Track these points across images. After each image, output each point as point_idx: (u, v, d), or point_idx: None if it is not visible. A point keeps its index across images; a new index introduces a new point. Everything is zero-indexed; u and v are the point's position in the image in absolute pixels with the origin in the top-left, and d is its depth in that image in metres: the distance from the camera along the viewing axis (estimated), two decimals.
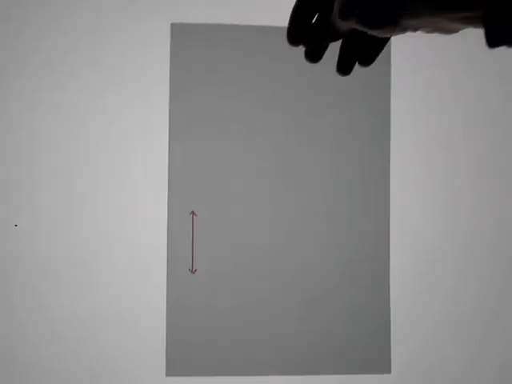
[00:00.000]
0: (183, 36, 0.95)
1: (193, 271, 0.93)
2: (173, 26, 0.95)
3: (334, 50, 0.47)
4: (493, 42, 0.33)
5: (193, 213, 0.93)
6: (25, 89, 0.94)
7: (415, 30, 0.40)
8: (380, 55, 0.47)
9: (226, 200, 0.94)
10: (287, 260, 0.94)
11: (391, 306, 0.94)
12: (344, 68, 0.47)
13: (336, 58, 0.48)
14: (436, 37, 0.94)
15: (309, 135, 0.95)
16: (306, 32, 0.47)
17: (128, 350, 0.93)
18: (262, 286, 0.93)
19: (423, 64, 0.96)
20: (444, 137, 0.96)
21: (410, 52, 0.96)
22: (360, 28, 0.39)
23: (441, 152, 0.96)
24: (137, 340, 0.93)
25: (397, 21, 0.37)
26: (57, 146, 0.94)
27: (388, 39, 0.46)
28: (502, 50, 0.32)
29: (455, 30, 0.40)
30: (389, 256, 0.94)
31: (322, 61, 0.46)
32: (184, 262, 0.93)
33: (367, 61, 0.47)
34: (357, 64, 0.48)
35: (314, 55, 0.47)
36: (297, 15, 0.47)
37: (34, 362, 0.93)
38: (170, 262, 0.93)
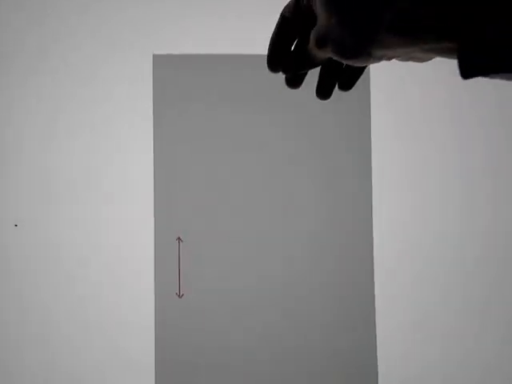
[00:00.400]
0: (165, 67, 0.98)
1: (180, 296, 0.95)
2: (155, 57, 0.98)
3: (315, 74, 0.50)
4: (467, 73, 0.33)
5: (179, 239, 0.95)
6: (26, 97, 0.97)
7: (389, 59, 0.41)
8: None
9: (211, 226, 0.96)
10: (272, 284, 0.96)
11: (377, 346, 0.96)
12: (323, 92, 0.49)
13: (315, 83, 0.49)
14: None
15: (293, 159, 0.97)
16: (286, 59, 0.49)
17: (117, 371, 0.94)
18: (248, 308, 0.95)
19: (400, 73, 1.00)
20: (424, 142, 0.99)
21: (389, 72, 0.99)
22: (335, 58, 0.40)
23: (420, 157, 0.99)
24: (126, 363, 0.94)
25: (370, 52, 0.38)
26: (55, 149, 0.97)
27: (365, 66, 0.47)
28: (477, 79, 0.33)
29: (429, 59, 0.41)
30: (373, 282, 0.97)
31: (304, 86, 0.47)
32: (171, 287, 0.94)
33: (346, 85, 0.49)
34: (337, 88, 0.49)
35: (294, 82, 0.49)
36: (275, 43, 0.49)
37: (33, 361, 0.94)
38: (157, 287, 0.95)
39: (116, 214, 0.96)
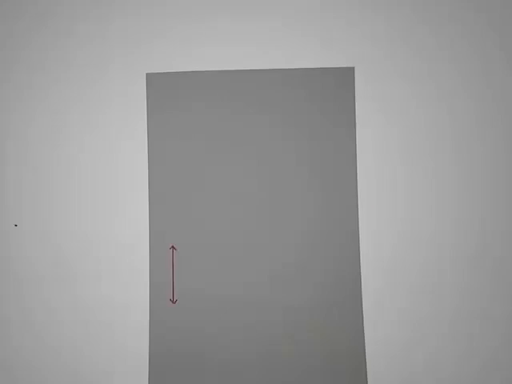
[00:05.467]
0: (159, 85, 1.01)
1: (173, 301, 0.97)
2: (148, 76, 1.00)
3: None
4: None
5: (173, 247, 0.98)
6: (25, 104, 1.00)
7: None
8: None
9: (204, 235, 0.99)
10: (265, 289, 0.98)
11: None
12: None
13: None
14: (403, 74, 1.00)
15: (287, 168, 1.00)
16: None
17: (111, 375, 0.96)
18: (240, 314, 0.98)
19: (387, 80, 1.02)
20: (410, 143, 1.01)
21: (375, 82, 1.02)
22: None
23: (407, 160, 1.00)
24: (119, 368, 0.96)
25: None
26: (54, 150, 0.99)
27: None
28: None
29: None
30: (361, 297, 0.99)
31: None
32: (165, 293, 0.97)
33: None
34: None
35: None
36: None
37: (30, 364, 0.97)
38: (152, 293, 0.97)
39: (112, 223, 0.99)
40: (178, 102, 1.00)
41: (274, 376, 0.97)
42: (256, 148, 1.00)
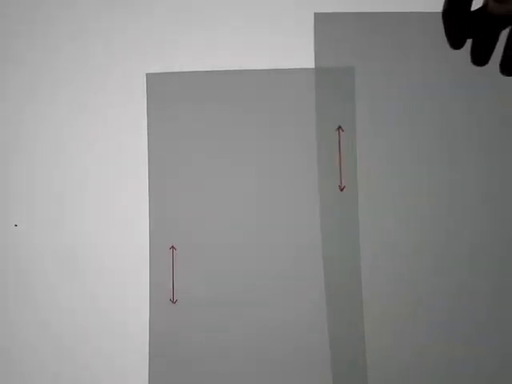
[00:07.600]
0: (159, 85, 1.01)
1: (173, 301, 0.98)
2: (148, 76, 1.01)
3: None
4: None
5: (173, 247, 0.98)
6: (23, 105, 1.00)
7: None
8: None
9: (203, 236, 0.99)
10: (266, 290, 0.98)
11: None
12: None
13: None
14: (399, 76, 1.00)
15: (287, 170, 1.00)
16: (461, 22, 0.43)
17: (111, 375, 0.97)
18: (239, 313, 0.98)
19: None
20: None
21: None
22: None
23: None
24: (119, 368, 0.97)
25: None
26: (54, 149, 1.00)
27: None
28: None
29: None
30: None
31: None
32: (165, 293, 0.98)
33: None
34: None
35: (480, 58, 0.44)
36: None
37: (30, 364, 0.98)
38: (152, 293, 0.98)
39: (112, 223, 0.99)
40: (178, 102, 1.01)
41: (275, 375, 0.97)
42: (256, 148, 1.00)
